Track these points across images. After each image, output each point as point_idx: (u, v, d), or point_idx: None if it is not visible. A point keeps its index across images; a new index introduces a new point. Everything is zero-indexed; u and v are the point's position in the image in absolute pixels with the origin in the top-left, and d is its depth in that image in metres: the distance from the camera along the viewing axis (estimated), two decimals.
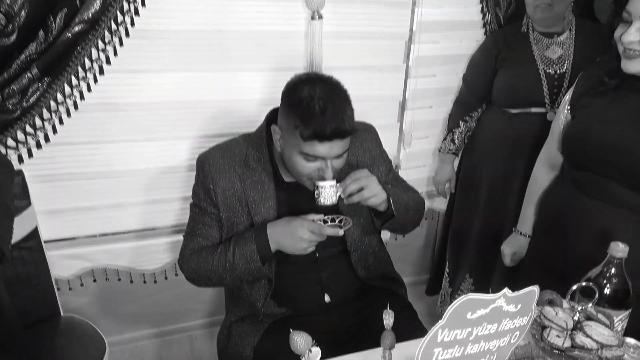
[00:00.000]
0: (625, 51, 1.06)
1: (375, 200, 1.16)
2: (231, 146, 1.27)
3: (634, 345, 0.90)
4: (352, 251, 1.32)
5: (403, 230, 1.40)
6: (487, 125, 1.86)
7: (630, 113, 1.09)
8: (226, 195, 1.23)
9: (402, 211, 1.25)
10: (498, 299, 0.63)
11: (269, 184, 1.24)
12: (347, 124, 1.10)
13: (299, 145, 1.11)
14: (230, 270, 1.20)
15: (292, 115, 1.10)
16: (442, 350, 0.63)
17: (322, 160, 1.13)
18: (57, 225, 1.62)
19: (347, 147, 1.15)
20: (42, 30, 1.30)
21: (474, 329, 0.63)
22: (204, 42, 1.56)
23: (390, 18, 1.75)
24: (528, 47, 1.71)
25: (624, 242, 1.05)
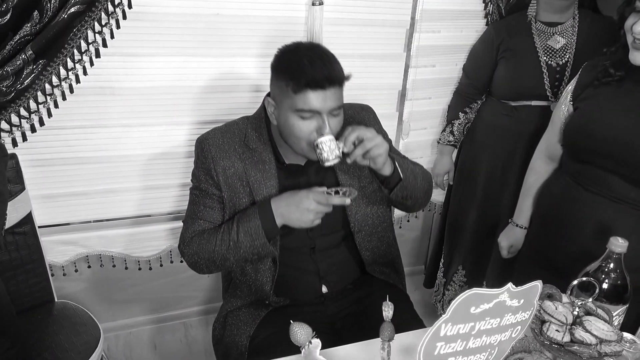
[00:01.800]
0: (635, 41, 1.05)
1: (378, 150, 1.10)
2: (230, 127, 1.26)
3: (630, 340, 0.90)
4: (355, 232, 1.29)
5: (415, 202, 1.27)
6: (486, 117, 1.85)
7: (634, 107, 1.09)
8: (227, 175, 1.22)
9: (409, 175, 1.21)
10: (502, 294, 0.63)
11: (270, 163, 1.22)
12: (337, 71, 1.10)
13: (293, 103, 1.10)
14: (235, 249, 1.17)
15: (282, 77, 1.11)
16: (445, 345, 0.62)
17: (317, 116, 1.11)
18: (51, 210, 1.60)
19: (341, 101, 1.14)
20: (37, 10, 1.27)
21: (477, 324, 0.63)
22: (203, 26, 1.53)
23: (392, 5, 1.72)
24: (530, 38, 1.69)
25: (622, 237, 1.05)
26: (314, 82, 1.06)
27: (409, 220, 2.22)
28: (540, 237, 1.34)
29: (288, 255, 1.27)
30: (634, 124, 1.08)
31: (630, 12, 1.06)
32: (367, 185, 1.28)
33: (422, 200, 1.30)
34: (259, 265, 1.25)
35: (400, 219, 2.18)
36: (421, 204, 1.31)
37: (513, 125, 1.74)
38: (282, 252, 1.26)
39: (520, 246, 1.47)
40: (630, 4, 1.07)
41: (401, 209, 1.33)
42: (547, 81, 1.66)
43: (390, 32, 1.77)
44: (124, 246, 1.73)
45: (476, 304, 0.61)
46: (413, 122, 1.97)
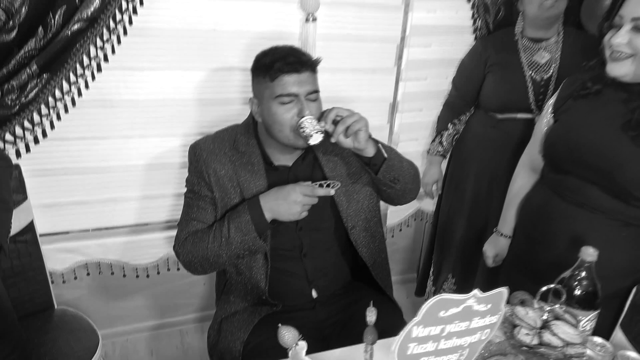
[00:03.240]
0: (612, 54, 1.10)
1: (358, 125, 1.14)
2: (220, 134, 1.34)
3: (601, 344, 0.95)
4: (350, 228, 1.33)
5: (404, 186, 1.29)
6: (474, 128, 1.91)
7: (609, 119, 1.14)
8: (218, 176, 1.28)
9: (394, 157, 1.25)
10: (469, 299, 0.68)
11: (259, 165, 1.29)
12: (307, 56, 1.22)
13: (272, 91, 1.19)
14: (227, 246, 1.21)
15: (260, 72, 1.22)
16: (417, 345, 0.68)
17: (296, 100, 1.19)
18: (52, 219, 1.65)
19: (316, 86, 1.23)
20: (42, 27, 1.32)
21: (447, 326, 0.68)
22: (200, 41, 1.59)
23: (383, 21, 1.79)
24: (516, 53, 1.76)
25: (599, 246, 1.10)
26: (287, 66, 1.17)
27: (401, 229, 2.27)
28: (522, 246, 1.39)
29: (278, 260, 1.31)
30: (610, 135, 1.13)
31: (609, 29, 1.12)
32: (356, 181, 1.33)
33: (411, 186, 1.33)
34: (252, 263, 1.29)
35: (392, 228, 2.23)
36: (411, 190, 1.34)
37: (499, 137, 1.80)
38: (272, 257, 1.30)
39: (504, 255, 1.51)
40: (608, 19, 1.13)
41: (392, 197, 1.34)
42: (532, 95, 1.72)
43: (381, 47, 1.84)
44: (122, 254, 1.78)
45: (445, 308, 0.67)
46: (404, 133, 2.04)
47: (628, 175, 1.09)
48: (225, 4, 1.57)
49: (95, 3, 1.36)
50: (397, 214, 2.18)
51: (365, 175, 1.33)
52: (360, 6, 1.73)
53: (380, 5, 1.76)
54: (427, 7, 1.87)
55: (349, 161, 1.33)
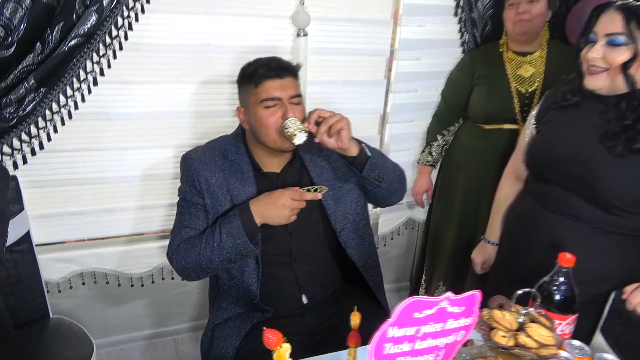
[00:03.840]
0: (589, 68, 1.15)
1: (340, 124, 1.19)
2: (211, 144, 1.40)
3: (579, 346, 0.98)
4: (339, 231, 1.37)
5: (390, 185, 1.33)
6: (463, 139, 1.96)
7: (588, 129, 1.18)
8: (209, 184, 1.32)
9: (378, 156, 1.30)
10: (442, 301, 0.72)
11: (248, 172, 1.33)
12: (288, 63, 1.31)
13: (257, 97, 1.26)
14: (219, 250, 1.25)
15: (245, 82, 1.30)
16: (393, 345, 0.71)
17: (280, 104, 1.25)
18: (48, 229, 1.68)
19: (299, 90, 1.31)
20: (40, 42, 1.36)
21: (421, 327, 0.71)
22: (194, 55, 1.63)
23: (372, 36, 1.84)
24: (502, 67, 1.81)
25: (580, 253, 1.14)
26: (270, 72, 1.26)
27: (393, 238, 2.31)
28: (507, 253, 1.42)
29: (269, 265, 1.34)
30: (589, 145, 1.17)
31: (585, 44, 1.17)
32: (343, 185, 1.38)
33: (397, 186, 1.37)
34: (244, 267, 1.33)
35: (384, 236, 2.27)
36: (397, 190, 1.38)
37: (487, 147, 1.85)
38: (263, 262, 1.33)
39: (492, 262, 1.55)
40: (584, 36, 1.18)
41: (379, 197, 1.38)
42: (518, 106, 1.77)
43: (371, 60, 1.89)
44: (118, 263, 1.81)
45: (419, 309, 0.70)
46: (394, 143, 2.08)
47: (605, 185, 1.13)
48: (219, 20, 1.62)
49: (92, 19, 1.40)
50: (388, 223, 2.22)
51: (352, 179, 1.38)
52: (350, 21, 1.78)
53: (370, 20, 1.81)
54: (417, 21, 1.92)
55: (335, 166, 1.38)
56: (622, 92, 1.12)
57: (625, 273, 1.16)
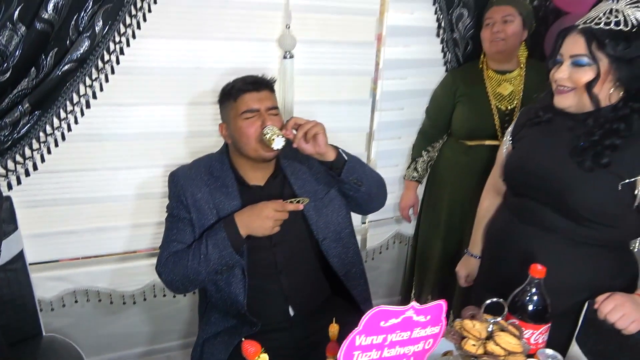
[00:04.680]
0: (557, 87, 1.21)
1: (315, 129, 1.26)
2: (197, 162, 1.46)
3: (552, 355, 1.02)
4: (320, 240, 1.42)
5: (369, 189, 1.38)
6: (447, 155, 2.01)
7: (559, 145, 1.23)
8: (195, 199, 1.37)
9: (355, 160, 1.36)
10: (408, 311, 0.76)
11: (232, 187, 1.39)
12: (264, 78, 1.40)
13: (236, 110, 1.35)
14: (205, 262, 1.29)
15: (225, 98, 1.40)
16: (361, 353, 0.74)
17: (258, 114, 1.34)
18: (42, 248, 1.72)
19: (276, 103, 1.39)
20: (34, 67, 1.42)
21: (389, 336, 0.75)
22: (183, 78, 1.69)
23: (357, 57, 1.91)
24: (482, 85, 1.88)
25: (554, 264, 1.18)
26: (247, 85, 1.36)
27: (381, 252, 2.34)
28: (487, 266, 1.46)
29: (256, 277, 1.38)
30: (560, 160, 1.22)
31: (553, 65, 1.23)
32: (324, 196, 1.44)
33: (377, 191, 1.42)
34: (231, 279, 1.36)
35: (373, 250, 2.30)
36: (377, 195, 1.43)
37: (470, 163, 1.90)
38: (250, 275, 1.37)
39: (475, 274, 1.59)
40: (552, 58, 1.24)
41: (360, 203, 1.43)
42: (498, 123, 1.83)
43: (356, 80, 1.96)
44: (110, 281, 1.84)
45: (385, 319, 0.74)
46: (381, 160, 2.13)
47: (576, 198, 1.18)
48: (208, 44, 1.68)
49: (84, 45, 1.45)
50: (376, 237, 2.26)
51: (333, 189, 1.44)
52: (335, 43, 1.85)
53: (354, 42, 1.88)
54: (400, 42, 1.99)
55: (316, 178, 1.44)
56: (589, 110, 1.18)
57: (598, 283, 1.20)
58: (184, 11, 1.62)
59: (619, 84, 1.14)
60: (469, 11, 1.97)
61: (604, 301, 1.12)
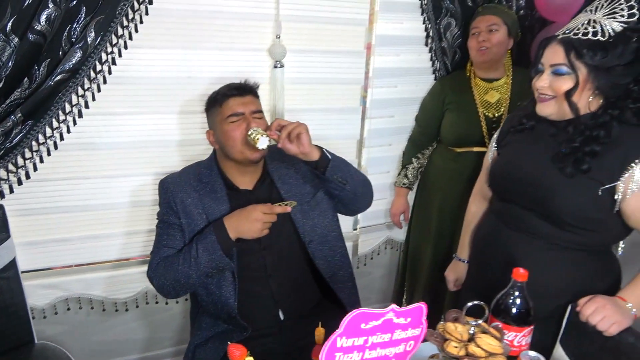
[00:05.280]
0: (539, 96, 1.24)
1: (299, 129, 1.30)
2: (186, 169, 1.50)
3: (534, 357, 1.04)
4: (307, 243, 1.45)
5: (354, 188, 1.41)
6: (436, 162, 2.04)
7: (541, 151, 1.26)
8: (184, 204, 1.40)
9: (339, 160, 1.40)
10: (388, 313, 0.78)
11: (221, 192, 1.42)
12: (248, 83, 1.46)
13: (222, 115, 1.39)
14: (196, 266, 1.32)
15: (212, 105, 1.44)
16: (343, 355, 0.76)
17: (243, 117, 1.38)
18: (34, 256, 1.73)
19: (260, 107, 1.44)
20: (27, 78, 1.44)
21: (369, 337, 0.77)
22: (175, 87, 1.71)
23: (346, 66, 1.94)
24: (470, 93, 1.91)
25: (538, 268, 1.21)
26: (231, 91, 1.41)
27: (373, 258, 2.36)
28: (474, 270, 1.49)
29: (246, 281, 1.40)
30: (542, 166, 1.25)
31: (535, 74, 1.27)
32: (310, 200, 1.47)
33: (362, 191, 1.45)
34: (222, 282, 1.38)
35: (365, 256, 2.33)
36: (363, 194, 1.47)
37: (459, 169, 1.93)
38: (240, 278, 1.39)
39: (464, 279, 1.61)
40: (534, 67, 1.28)
41: (346, 202, 1.46)
42: (485, 130, 1.86)
43: (346, 88, 1.98)
44: (103, 289, 1.85)
45: (365, 321, 0.76)
46: (372, 167, 2.16)
47: (558, 203, 1.20)
48: (199, 54, 1.71)
49: (77, 56, 1.48)
50: (368, 243, 2.28)
51: (319, 193, 1.47)
52: (325, 52, 1.88)
53: (344, 52, 1.91)
54: (392, 51, 2.03)
55: (303, 182, 1.48)
56: (570, 117, 1.21)
57: (581, 286, 1.23)
58: (176, 22, 1.64)
59: (598, 92, 1.17)
60: (457, 21, 2.01)
61: (585, 304, 1.14)
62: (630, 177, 1.13)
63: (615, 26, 1.13)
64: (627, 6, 1.13)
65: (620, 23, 1.12)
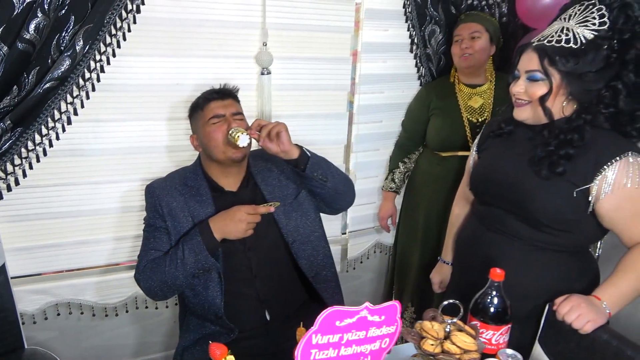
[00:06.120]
0: (515, 101, 1.28)
1: (278, 127, 1.34)
2: (172, 174, 1.53)
3: (512, 354, 1.07)
4: (290, 242, 1.48)
5: (335, 185, 1.44)
6: (422, 166, 2.08)
7: (519, 155, 1.30)
8: (170, 208, 1.43)
9: (320, 158, 1.43)
10: (362, 311, 0.80)
11: (206, 195, 1.45)
12: (228, 87, 1.51)
13: (204, 117, 1.44)
14: (182, 266, 1.35)
15: (194, 110, 1.49)
16: (318, 351, 0.79)
17: (224, 119, 1.42)
18: (24, 262, 1.74)
19: (240, 109, 1.48)
20: (16, 86, 1.45)
21: (344, 335, 0.80)
22: (163, 94, 1.74)
23: (333, 72, 1.97)
24: (454, 98, 1.95)
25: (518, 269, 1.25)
26: (212, 94, 1.46)
27: (362, 261, 2.39)
28: (457, 271, 1.52)
29: (232, 282, 1.43)
30: (520, 169, 1.28)
31: (512, 80, 1.31)
32: (293, 201, 1.50)
33: (344, 189, 1.48)
34: (208, 282, 1.41)
35: (354, 260, 2.35)
36: (345, 192, 1.49)
37: (444, 173, 1.97)
38: (226, 280, 1.42)
39: (448, 281, 1.64)
40: (512, 73, 1.31)
41: (329, 200, 1.49)
42: (469, 135, 1.90)
43: (333, 94, 2.02)
44: (93, 294, 1.87)
45: (340, 318, 0.78)
46: (360, 171, 2.19)
47: (535, 205, 1.24)
48: (187, 61, 1.74)
49: (65, 64, 1.50)
50: (357, 247, 2.31)
51: (301, 193, 1.51)
52: (311, 59, 1.91)
53: (330, 58, 1.94)
54: (379, 57, 2.07)
55: (286, 184, 1.51)
56: (546, 122, 1.25)
57: (559, 287, 1.26)
58: (163, 30, 1.67)
59: (572, 98, 1.21)
60: (441, 28, 2.06)
61: (561, 303, 1.17)
62: (603, 178, 1.17)
63: (587, 34, 1.17)
64: (598, 15, 1.17)
65: (592, 31, 1.16)
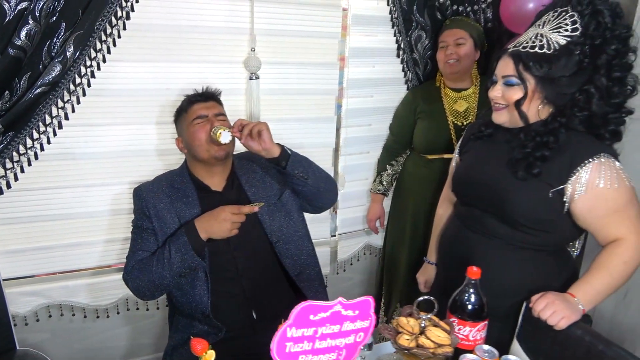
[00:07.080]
0: (493, 105, 1.32)
1: (259, 126, 1.39)
2: (159, 177, 1.57)
3: (488, 350, 1.10)
4: (274, 242, 1.51)
5: (316, 182, 1.48)
6: (409, 168, 2.12)
7: (498, 157, 1.34)
8: (157, 209, 1.46)
9: (301, 157, 1.47)
10: (335, 305, 0.84)
11: (192, 196, 1.49)
12: (211, 90, 1.55)
13: (188, 119, 1.48)
14: (169, 266, 1.38)
15: (179, 113, 1.54)
16: (293, 344, 0.82)
17: (207, 119, 1.47)
18: (17, 264, 1.77)
19: (223, 111, 1.53)
20: (8, 91, 1.49)
21: (319, 328, 0.83)
22: (154, 99, 1.77)
23: (320, 77, 2.01)
24: (440, 102, 1.99)
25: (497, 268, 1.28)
26: (195, 97, 1.52)
27: (352, 263, 2.42)
28: (440, 271, 1.56)
29: (218, 282, 1.45)
30: (498, 171, 1.32)
31: (491, 84, 1.35)
32: (277, 202, 1.54)
33: (326, 186, 1.52)
34: (195, 281, 1.44)
35: (344, 262, 2.38)
36: (327, 190, 1.53)
37: (430, 175, 2.01)
38: (213, 280, 1.44)
39: (433, 280, 1.68)
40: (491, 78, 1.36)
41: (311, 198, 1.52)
42: (454, 138, 1.94)
43: (321, 99, 2.06)
44: (83, 295, 1.89)
45: (314, 313, 0.82)
46: (349, 174, 2.23)
47: (512, 206, 1.28)
48: (177, 66, 1.77)
49: (56, 69, 1.53)
50: (347, 249, 2.34)
51: (285, 194, 1.55)
52: (299, 64, 1.95)
53: (317, 63, 1.98)
54: (367, 62, 2.11)
55: (269, 185, 1.55)
56: (522, 125, 1.29)
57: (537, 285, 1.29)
58: (153, 36, 1.71)
59: (547, 101, 1.25)
60: (427, 33, 2.10)
61: (537, 300, 1.21)
62: (577, 179, 1.21)
63: (560, 40, 1.21)
64: (570, 21, 1.21)
65: (565, 37, 1.20)
